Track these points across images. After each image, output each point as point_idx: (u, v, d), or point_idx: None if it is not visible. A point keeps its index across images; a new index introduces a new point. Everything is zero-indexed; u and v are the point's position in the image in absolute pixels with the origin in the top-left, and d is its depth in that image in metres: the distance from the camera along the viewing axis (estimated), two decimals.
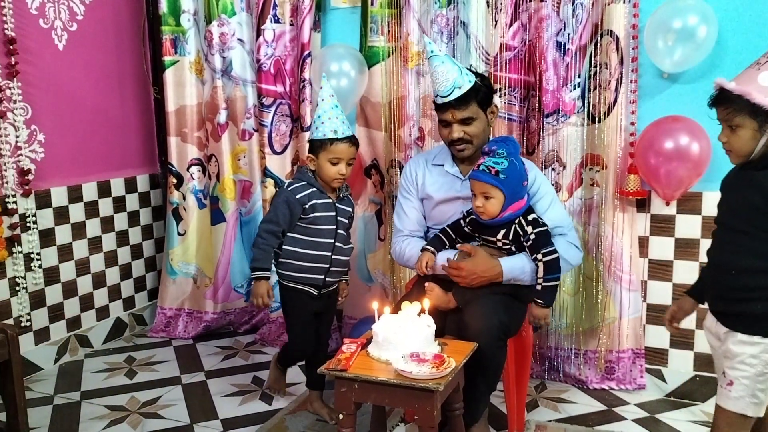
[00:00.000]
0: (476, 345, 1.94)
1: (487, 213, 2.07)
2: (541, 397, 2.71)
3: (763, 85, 1.53)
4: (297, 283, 2.38)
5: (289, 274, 2.38)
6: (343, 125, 2.32)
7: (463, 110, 2.17)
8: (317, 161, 2.33)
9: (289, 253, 2.36)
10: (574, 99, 2.68)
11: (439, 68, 2.16)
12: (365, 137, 3.11)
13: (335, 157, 2.30)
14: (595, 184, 2.69)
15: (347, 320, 3.28)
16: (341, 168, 2.32)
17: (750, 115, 1.55)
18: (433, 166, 2.37)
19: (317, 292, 2.40)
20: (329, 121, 2.30)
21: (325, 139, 2.29)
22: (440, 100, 2.19)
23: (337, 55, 2.97)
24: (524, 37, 2.73)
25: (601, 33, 2.59)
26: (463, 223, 2.22)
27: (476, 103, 2.19)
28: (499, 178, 2.01)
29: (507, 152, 2.04)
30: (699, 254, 2.60)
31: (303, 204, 2.32)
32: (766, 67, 1.55)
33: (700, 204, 2.58)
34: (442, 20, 2.85)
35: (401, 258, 2.37)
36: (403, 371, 1.72)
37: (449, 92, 2.15)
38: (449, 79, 2.15)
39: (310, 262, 2.35)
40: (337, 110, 2.33)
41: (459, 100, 2.15)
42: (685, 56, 2.43)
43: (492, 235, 2.13)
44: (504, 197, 2.03)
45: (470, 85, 2.17)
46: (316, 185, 2.35)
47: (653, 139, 2.51)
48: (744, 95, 1.54)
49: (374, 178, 3.15)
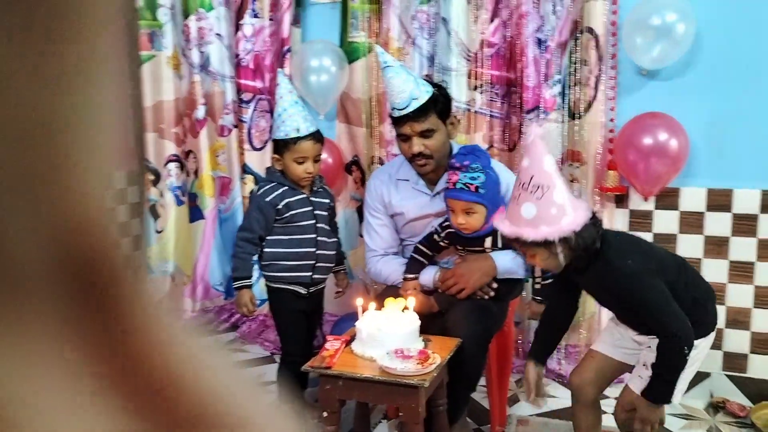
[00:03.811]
0: (460, 341, 1.95)
1: (471, 228, 2.04)
2: (522, 392, 2.72)
3: (529, 219, 1.55)
4: (284, 283, 2.34)
5: (275, 275, 2.33)
6: (305, 122, 2.23)
7: (422, 122, 2.08)
8: (283, 161, 2.26)
9: (273, 255, 2.32)
10: (554, 95, 2.70)
11: (394, 80, 2.08)
12: (346, 133, 3.10)
13: (300, 156, 2.22)
14: (575, 180, 2.71)
15: (329, 317, 3.26)
16: (308, 166, 2.24)
17: (539, 245, 1.57)
18: (398, 181, 2.29)
19: (306, 290, 2.37)
20: (290, 119, 2.22)
21: (288, 139, 2.22)
22: (397, 113, 2.10)
23: (318, 51, 2.96)
24: (505, 33, 2.74)
25: (581, 30, 2.61)
26: (438, 238, 2.17)
27: (435, 115, 2.10)
28: (479, 193, 1.97)
29: (482, 165, 2.00)
30: (676, 249, 2.64)
31: (276, 205, 2.26)
32: (524, 199, 1.55)
33: (678, 199, 2.62)
34: (423, 16, 2.85)
35: (378, 278, 2.35)
36: (388, 368, 1.71)
37: (406, 104, 2.06)
38: (405, 90, 2.06)
39: (295, 260, 2.32)
40: (297, 107, 2.25)
41: (417, 111, 2.06)
42: (664, 53, 2.46)
43: (479, 246, 2.12)
44: (486, 210, 2.02)
45: (428, 95, 2.08)
46: (287, 183, 2.29)
47: (632, 135, 2.54)
48: (519, 237, 1.56)
49: (355, 175, 3.14)
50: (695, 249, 2.61)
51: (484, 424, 2.40)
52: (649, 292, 1.58)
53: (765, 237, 2.50)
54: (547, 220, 1.53)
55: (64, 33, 0.20)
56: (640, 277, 1.59)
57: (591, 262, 1.60)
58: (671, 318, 1.56)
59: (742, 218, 2.52)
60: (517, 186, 1.61)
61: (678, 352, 1.56)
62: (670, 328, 1.55)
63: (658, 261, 1.69)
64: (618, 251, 1.62)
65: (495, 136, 2.81)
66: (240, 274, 2.29)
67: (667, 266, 1.69)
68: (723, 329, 2.61)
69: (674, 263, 1.74)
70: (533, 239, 1.54)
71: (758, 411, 2.47)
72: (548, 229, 1.52)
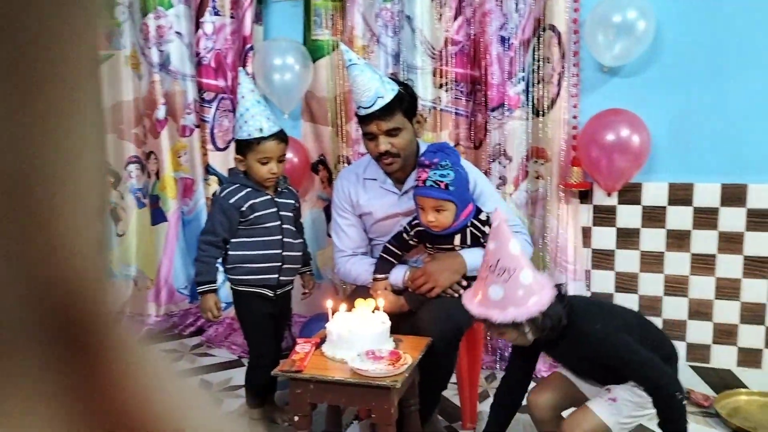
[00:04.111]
0: (431, 340, 1.94)
1: (440, 226, 2.04)
2: (492, 388, 2.73)
3: (496, 300, 1.58)
4: (250, 286, 2.29)
5: (241, 278, 2.28)
6: (268, 122, 2.18)
7: (388, 121, 2.08)
8: (246, 162, 2.21)
9: (238, 258, 2.27)
10: (519, 93, 2.71)
11: (359, 78, 2.06)
12: (311, 132, 3.07)
13: (264, 156, 2.18)
14: (540, 177, 2.73)
15: (297, 318, 3.23)
16: (272, 167, 2.20)
17: (506, 327, 1.60)
18: (366, 180, 2.28)
19: (272, 293, 2.33)
20: (253, 119, 2.17)
21: (251, 139, 2.17)
22: (363, 112, 2.09)
23: (281, 49, 2.92)
24: (469, 31, 2.74)
25: (543, 27, 2.63)
26: (407, 236, 2.17)
27: (401, 113, 2.10)
28: (449, 191, 1.97)
29: (451, 162, 2.00)
30: (639, 243, 2.68)
31: (239, 208, 2.21)
32: (491, 281, 1.59)
33: (640, 194, 2.66)
34: (387, 14, 2.83)
35: (348, 278, 2.33)
36: (360, 370, 1.70)
37: (372, 102, 2.06)
38: (371, 88, 2.05)
39: (262, 262, 2.27)
40: (260, 106, 2.20)
41: (383, 110, 2.06)
42: (625, 50, 2.50)
43: (448, 243, 2.11)
44: (456, 208, 2.02)
45: (393, 94, 2.08)
46: (250, 184, 2.24)
47: (595, 132, 2.57)
48: (488, 320, 1.59)
49: (322, 174, 3.11)
50: (657, 243, 2.66)
51: (455, 422, 2.40)
52: (624, 351, 1.62)
53: (725, 230, 2.55)
54: (515, 302, 1.57)
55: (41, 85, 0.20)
56: (612, 338, 1.63)
57: (561, 336, 1.64)
58: (652, 370, 1.60)
59: (703, 212, 2.57)
60: (485, 268, 1.64)
61: (673, 401, 1.58)
62: (654, 381, 1.59)
63: (622, 319, 1.74)
64: (585, 317, 1.67)
65: (461, 133, 2.81)
66: (204, 278, 2.24)
67: (630, 324, 1.74)
68: (686, 321, 2.66)
69: (637, 322, 1.80)
70: (501, 321, 1.57)
71: (722, 400, 2.53)
72: (516, 310, 1.56)
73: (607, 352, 1.63)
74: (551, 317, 1.59)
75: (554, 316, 1.59)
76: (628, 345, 1.64)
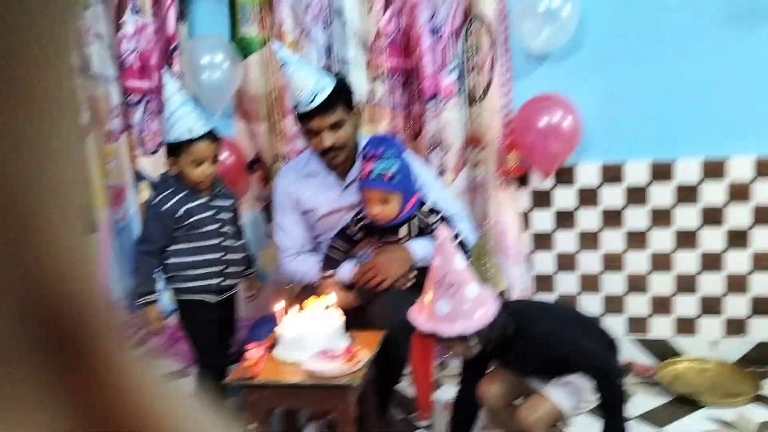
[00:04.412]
0: (385, 333, 1.94)
1: (386, 218, 2.04)
2: (444, 376, 2.76)
3: (442, 315, 1.63)
4: (193, 294, 2.23)
5: (182, 286, 2.21)
6: (198, 122, 2.12)
7: (330, 115, 2.06)
8: (178, 165, 2.14)
9: (177, 266, 2.19)
10: (452, 83, 2.73)
11: (296, 75, 2.03)
12: (245, 131, 3.00)
13: (196, 158, 2.11)
14: (478, 165, 2.76)
15: (242, 322, 3.15)
16: (205, 168, 2.13)
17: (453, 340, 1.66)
18: (307, 177, 2.25)
19: (216, 299, 2.27)
20: (181, 120, 2.10)
21: (181, 141, 2.10)
22: (303, 109, 2.06)
23: (208, 47, 2.83)
24: (399, 22, 2.73)
25: (472, 17, 2.65)
26: (352, 231, 2.15)
27: (342, 106, 2.09)
28: (395, 182, 1.97)
29: (395, 153, 1.99)
30: (575, 224, 2.76)
31: (174, 214, 2.14)
32: (437, 297, 1.64)
33: (574, 176, 2.73)
34: (316, 8, 2.79)
35: (294, 277, 2.30)
36: (315, 371, 1.68)
37: (311, 99, 2.03)
38: (308, 85, 2.03)
39: (202, 268, 2.21)
40: (188, 106, 2.13)
41: (324, 105, 2.04)
42: (552, 36, 2.54)
43: (394, 235, 2.11)
44: (402, 199, 2.02)
45: (331, 87, 2.06)
46: (184, 188, 2.16)
47: (528, 117, 2.62)
48: (436, 333, 1.64)
49: (259, 173, 3.04)
50: (592, 222, 2.74)
51: (411, 413, 2.42)
52: (570, 346, 1.69)
53: (656, 206, 2.65)
54: (462, 315, 1.62)
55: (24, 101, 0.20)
56: (558, 335, 1.70)
57: (510, 342, 1.69)
58: (598, 360, 1.68)
59: (633, 190, 2.67)
60: (431, 283, 1.67)
61: (615, 388, 1.65)
62: (600, 370, 1.65)
63: (563, 316, 1.84)
64: (529, 320, 1.73)
65: (398, 125, 2.81)
66: (143, 290, 2.15)
67: (571, 320, 1.83)
68: (624, 296, 2.76)
69: (576, 317, 1.89)
70: (449, 335, 1.62)
71: (663, 369, 2.64)
72: (463, 324, 1.61)
73: (554, 349, 1.69)
74: (497, 328, 1.64)
75: (500, 327, 1.65)
76: (574, 340, 1.71)
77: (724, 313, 2.67)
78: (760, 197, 2.54)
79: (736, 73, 2.50)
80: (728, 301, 2.66)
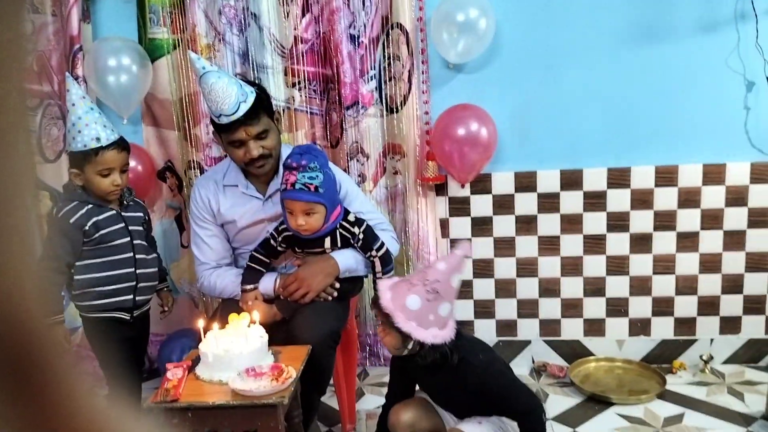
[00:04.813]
0: (310, 347, 1.90)
1: (311, 229, 2.00)
2: (365, 385, 2.76)
3: (409, 309, 1.68)
4: (103, 312, 2.09)
5: (91, 304, 2.07)
6: (105, 130, 2.02)
7: (256, 125, 2.01)
8: (84, 175, 2.02)
9: (85, 283, 2.05)
10: (371, 90, 2.73)
11: (217, 85, 1.95)
12: (155, 137, 2.87)
13: (105, 168, 2.00)
14: (398, 173, 2.78)
15: (153, 337, 3.01)
16: (115, 179, 2.03)
17: (396, 330, 1.70)
18: (226, 187, 2.18)
19: (129, 315, 2.14)
20: (87, 128, 1.99)
21: (88, 150, 1.98)
22: (226, 120, 1.98)
23: (114, 49, 2.68)
24: (317, 29, 2.70)
25: (391, 25, 2.66)
26: (275, 242, 2.10)
27: (265, 114, 2.04)
28: (319, 193, 1.93)
29: (319, 164, 1.95)
30: (491, 230, 2.82)
31: (82, 227, 2.01)
32: (416, 290, 1.69)
33: (490, 184, 2.79)
34: (230, 11, 2.71)
35: (213, 292, 2.22)
36: (243, 390, 1.62)
37: (235, 109, 1.96)
38: (231, 94, 1.95)
39: (113, 284, 2.08)
40: (94, 113, 2.02)
41: (248, 114, 1.98)
42: (468, 47, 2.59)
43: (318, 247, 2.08)
44: (326, 210, 1.99)
45: (254, 96, 2.01)
46: (91, 200, 2.04)
47: (446, 126, 2.66)
48: (391, 315, 1.68)
49: (170, 181, 2.92)
50: (507, 229, 2.82)
51: (335, 424, 2.39)
52: (502, 379, 1.76)
53: (566, 212, 2.76)
54: (421, 321, 1.66)
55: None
56: (493, 367, 1.77)
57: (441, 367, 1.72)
58: (525, 396, 1.76)
59: (546, 197, 2.77)
60: (419, 277, 1.71)
61: (540, 424, 1.73)
62: (527, 406, 1.73)
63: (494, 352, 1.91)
64: (470, 349, 1.78)
65: (317, 133, 2.78)
66: None
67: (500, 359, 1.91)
68: (538, 299, 2.86)
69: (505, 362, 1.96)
70: (400, 327, 1.65)
71: (574, 369, 2.76)
72: (416, 328, 1.65)
73: (487, 380, 1.74)
74: (436, 352, 1.69)
75: (438, 353, 1.69)
76: (506, 374, 1.80)
77: (630, 313, 2.82)
78: (661, 203, 2.71)
79: (638, 87, 2.65)
80: (633, 302, 2.81)
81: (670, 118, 2.66)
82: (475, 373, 1.72)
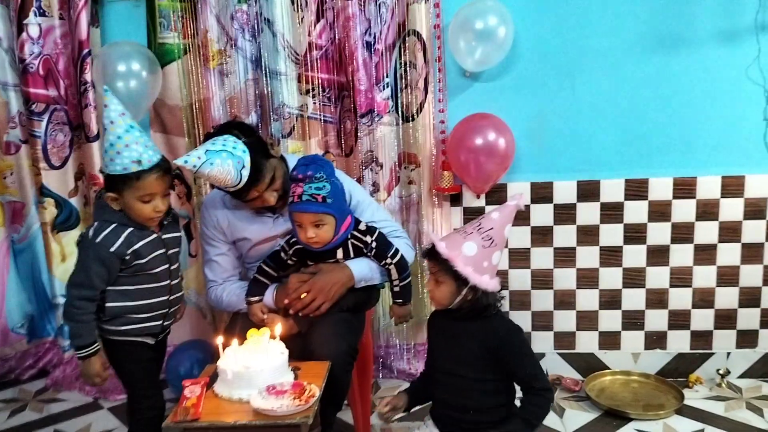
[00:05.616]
0: (330, 363, 1.85)
1: (321, 241, 1.94)
2: (377, 398, 2.70)
3: (466, 255, 1.66)
4: (131, 337, 1.96)
5: (120, 329, 1.93)
6: (147, 150, 1.81)
7: (262, 181, 1.95)
8: (123, 200, 1.84)
9: (117, 311, 1.91)
10: (386, 98, 2.68)
11: (214, 172, 1.84)
12: (164, 144, 2.81)
13: (146, 194, 1.82)
14: (412, 182, 2.73)
15: None
16: (157, 204, 1.85)
17: (452, 277, 1.68)
18: (236, 206, 2.11)
19: (154, 340, 2.06)
20: (128, 149, 1.78)
21: (128, 174, 1.80)
22: (234, 189, 1.93)
23: (123, 54, 2.63)
24: (332, 35, 2.66)
25: (407, 32, 2.62)
26: (285, 256, 2.05)
27: (265, 161, 1.96)
28: (327, 203, 1.87)
29: (325, 174, 1.89)
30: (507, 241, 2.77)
31: (122, 256, 1.84)
32: (472, 238, 1.68)
33: (506, 195, 2.75)
34: (243, 16, 2.66)
35: (220, 305, 2.17)
36: (266, 410, 1.56)
37: (238, 180, 1.88)
38: (230, 171, 1.86)
39: (146, 312, 1.95)
40: (134, 132, 1.80)
41: (254, 179, 1.92)
42: (486, 55, 2.55)
43: (330, 259, 2.03)
44: (336, 221, 1.94)
45: (247, 155, 1.90)
46: (131, 223, 1.87)
47: (462, 136, 2.61)
48: (450, 260, 1.66)
49: (179, 189, 2.86)
50: (523, 239, 2.77)
51: None
52: (525, 347, 1.76)
53: (583, 223, 2.72)
54: (477, 267, 1.66)
55: None
56: (521, 335, 1.77)
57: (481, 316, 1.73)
58: (543, 375, 1.74)
59: (562, 208, 2.72)
60: (474, 225, 1.71)
61: (548, 404, 1.72)
62: (539, 376, 1.72)
63: None
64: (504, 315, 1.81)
65: (330, 141, 2.73)
66: (84, 341, 1.86)
67: None
68: (552, 311, 2.81)
69: None
70: (460, 270, 1.65)
71: (590, 382, 2.71)
72: (473, 272, 1.66)
73: (513, 340, 1.74)
74: (486, 300, 1.70)
75: (487, 301, 1.71)
76: (529, 346, 1.80)
77: (646, 326, 2.78)
78: (679, 215, 2.67)
79: (656, 98, 2.61)
80: (649, 315, 2.77)
81: (688, 130, 2.62)
82: (503, 331, 1.73)
